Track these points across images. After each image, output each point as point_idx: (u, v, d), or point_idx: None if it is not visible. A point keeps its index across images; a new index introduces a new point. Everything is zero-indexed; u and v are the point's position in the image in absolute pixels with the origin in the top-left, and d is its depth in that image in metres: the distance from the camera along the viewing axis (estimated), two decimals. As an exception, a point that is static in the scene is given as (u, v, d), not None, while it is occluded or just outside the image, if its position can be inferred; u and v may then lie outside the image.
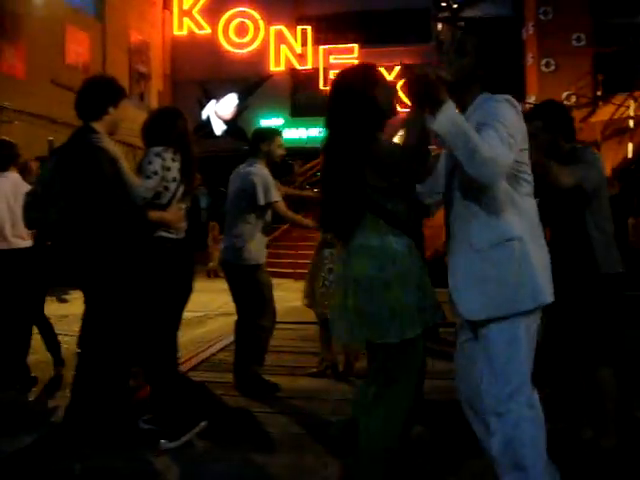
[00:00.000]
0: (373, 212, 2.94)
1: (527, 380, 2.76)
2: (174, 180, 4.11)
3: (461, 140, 2.55)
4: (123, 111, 4.26)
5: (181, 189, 4.17)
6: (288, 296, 11.62)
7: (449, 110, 2.58)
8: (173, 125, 4.19)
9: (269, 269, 5.59)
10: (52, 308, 6.24)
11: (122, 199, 3.93)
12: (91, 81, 4.18)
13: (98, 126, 4.01)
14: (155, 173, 4.00)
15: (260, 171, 5.18)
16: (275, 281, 5.88)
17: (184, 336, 7.78)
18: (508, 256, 2.71)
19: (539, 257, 2.78)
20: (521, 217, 2.76)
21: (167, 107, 4.76)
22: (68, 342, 6.33)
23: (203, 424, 4.13)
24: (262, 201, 5.11)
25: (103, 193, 3.88)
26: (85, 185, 3.87)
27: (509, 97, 2.76)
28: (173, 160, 4.11)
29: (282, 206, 5.23)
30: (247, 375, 5.23)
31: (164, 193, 4.09)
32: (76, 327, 4.15)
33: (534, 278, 2.73)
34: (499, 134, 2.59)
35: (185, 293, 4.18)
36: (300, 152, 20.63)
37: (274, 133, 5.50)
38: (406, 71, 4.48)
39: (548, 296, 2.78)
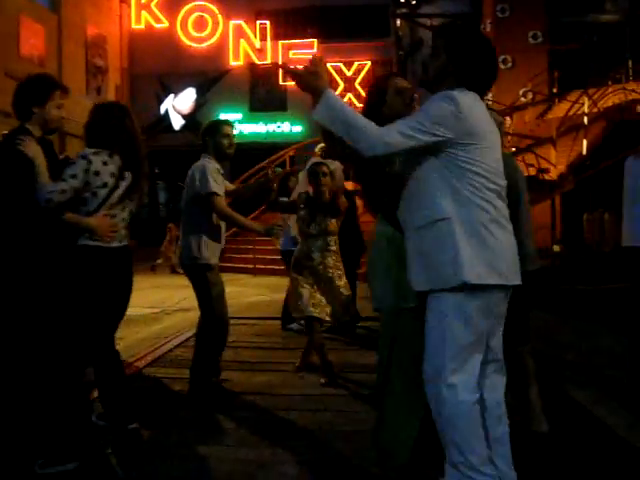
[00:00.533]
0: None
1: (449, 362, 2.86)
2: (104, 186, 3.82)
3: (340, 122, 2.84)
4: (73, 105, 4.14)
5: (116, 195, 3.89)
6: (247, 291, 11.62)
7: (325, 98, 2.86)
8: (118, 126, 3.94)
9: (228, 264, 5.56)
10: None
11: (33, 203, 3.70)
12: (20, 82, 4.01)
13: (30, 126, 3.89)
14: (73, 177, 3.72)
15: (201, 162, 5.02)
16: (234, 276, 5.90)
17: (140, 332, 7.76)
18: (436, 234, 2.88)
19: (481, 241, 2.86)
20: (458, 202, 2.87)
21: (111, 104, 4.23)
22: None
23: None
24: (199, 189, 4.89)
25: (9, 196, 3.74)
26: None
27: (451, 94, 2.87)
28: (105, 164, 3.82)
29: (219, 201, 4.91)
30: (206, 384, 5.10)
31: (91, 199, 3.82)
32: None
33: (458, 257, 2.82)
34: (405, 121, 2.87)
35: (114, 302, 3.92)
36: (259, 147, 20.59)
37: (217, 125, 5.23)
38: (285, 70, 4.66)
39: (472, 276, 2.82)
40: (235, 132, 5.35)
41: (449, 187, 2.89)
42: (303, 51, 23.65)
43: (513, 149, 16.21)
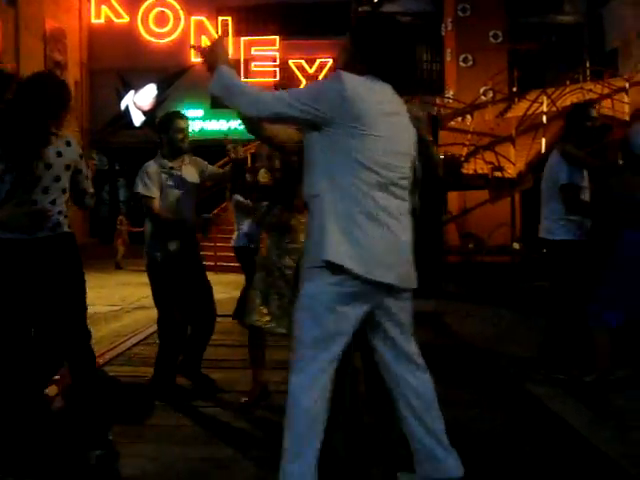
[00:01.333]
0: None
1: (303, 344, 2.83)
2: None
3: (227, 90, 3.00)
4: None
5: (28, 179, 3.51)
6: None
7: (218, 71, 3.02)
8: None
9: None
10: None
11: None
12: None
13: None
14: None
15: (147, 163, 4.94)
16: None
17: (100, 331, 7.67)
18: (311, 210, 2.91)
19: (348, 231, 2.78)
20: (333, 185, 2.81)
21: None
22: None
23: None
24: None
25: None
26: None
27: (340, 74, 2.82)
28: None
29: (146, 202, 4.79)
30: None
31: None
32: None
33: (323, 235, 2.78)
34: (290, 90, 2.94)
35: (49, 295, 3.62)
36: (220, 144, 20.43)
37: (169, 119, 4.99)
38: (196, 51, 4.67)
39: (332, 254, 2.76)
40: (196, 128, 5.20)
41: (328, 169, 2.82)
42: (265, 48, 23.59)
43: (472, 147, 16.37)
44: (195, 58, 23.15)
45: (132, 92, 23.79)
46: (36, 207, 3.53)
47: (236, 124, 23.71)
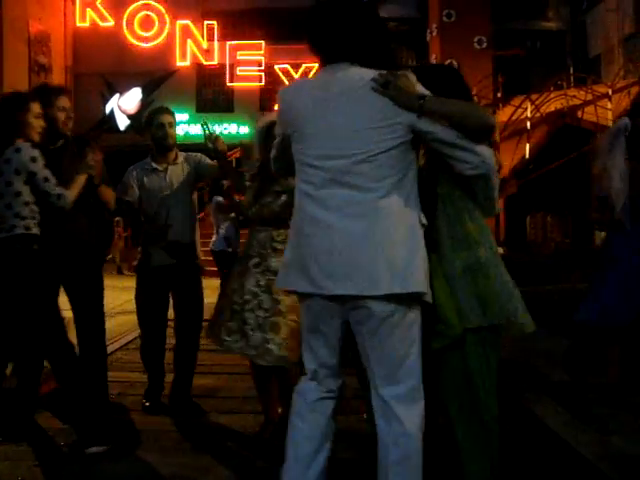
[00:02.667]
0: None
1: (304, 358, 2.79)
2: None
3: None
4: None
5: None
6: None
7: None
8: None
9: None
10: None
11: None
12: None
13: None
14: None
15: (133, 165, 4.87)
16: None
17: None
18: None
19: (296, 241, 2.69)
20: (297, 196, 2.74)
21: None
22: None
23: None
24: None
25: None
26: None
27: (279, 93, 2.81)
28: None
29: (125, 207, 4.70)
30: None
31: None
32: None
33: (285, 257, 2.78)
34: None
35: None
36: (205, 148, 20.34)
37: (151, 115, 4.81)
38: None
39: (280, 281, 2.80)
40: (181, 132, 5.05)
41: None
42: (251, 52, 23.56)
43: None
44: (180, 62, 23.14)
45: (117, 96, 23.70)
46: None
47: (220, 129, 23.70)
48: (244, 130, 23.63)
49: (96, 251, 4.67)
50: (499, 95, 19.94)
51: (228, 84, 23.90)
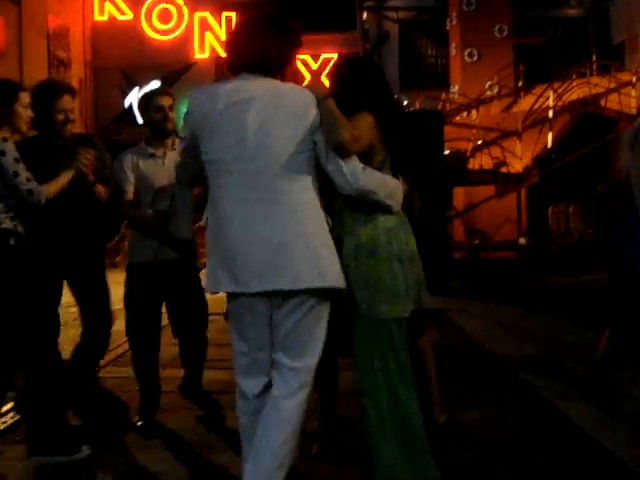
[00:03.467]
0: None
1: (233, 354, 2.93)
2: None
3: None
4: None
5: None
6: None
7: None
8: None
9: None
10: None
11: None
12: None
13: None
14: None
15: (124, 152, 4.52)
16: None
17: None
18: None
19: (217, 241, 2.78)
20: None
21: None
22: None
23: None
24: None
25: None
26: None
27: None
28: None
29: (119, 196, 4.32)
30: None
31: None
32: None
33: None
34: None
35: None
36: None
37: (148, 98, 4.45)
38: None
39: (209, 284, 2.83)
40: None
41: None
42: (269, 44, 23.45)
43: (479, 142, 16.27)
44: (199, 55, 23.17)
45: (136, 89, 23.71)
46: None
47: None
48: (263, 122, 23.60)
49: (96, 246, 4.53)
50: (520, 84, 19.73)
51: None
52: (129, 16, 23.70)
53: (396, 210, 3.02)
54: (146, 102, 4.42)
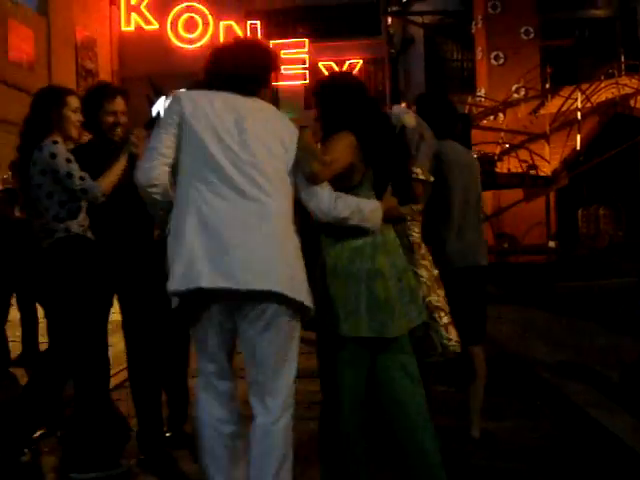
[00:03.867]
0: None
1: (199, 363, 2.85)
2: None
3: None
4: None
5: None
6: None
7: None
8: None
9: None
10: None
11: None
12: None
13: None
14: None
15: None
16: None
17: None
18: None
19: (177, 240, 2.72)
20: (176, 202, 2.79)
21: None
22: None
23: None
24: None
25: None
26: None
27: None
28: None
29: None
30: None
31: None
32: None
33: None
34: None
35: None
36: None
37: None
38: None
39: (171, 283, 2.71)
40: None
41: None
42: (294, 50, 23.53)
43: (507, 145, 16.16)
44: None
45: (163, 98, 23.84)
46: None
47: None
48: (289, 129, 23.68)
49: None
50: (547, 86, 19.56)
51: (273, 83, 23.92)
52: (155, 26, 23.90)
53: (373, 230, 3.01)
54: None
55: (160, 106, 20.52)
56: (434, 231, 3.79)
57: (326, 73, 22.97)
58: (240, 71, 2.96)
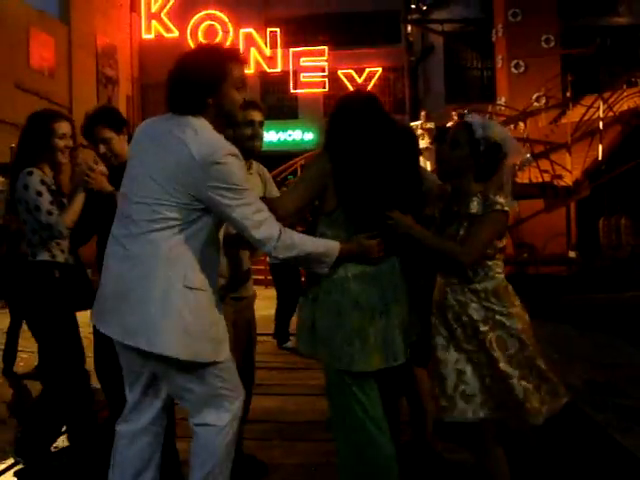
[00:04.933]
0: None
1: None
2: None
3: None
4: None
5: None
6: (259, 304, 11.41)
7: None
8: None
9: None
10: None
11: None
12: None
13: None
14: None
15: None
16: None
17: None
18: None
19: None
20: None
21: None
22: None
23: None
24: None
25: None
26: None
27: None
28: None
29: None
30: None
31: None
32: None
33: None
34: None
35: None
36: (270, 155, 20.36)
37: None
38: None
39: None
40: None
41: None
42: (314, 59, 23.53)
43: (528, 155, 16.02)
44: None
45: (182, 106, 23.96)
46: None
47: (285, 135, 23.75)
48: (309, 137, 23.62)
49: None
50: (568, 95, 19.39)
51: (292, 91, 23.94)
52: (175, 34, 23.99)
53: (323, 272, 2.82)
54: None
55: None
56: None
57: (345, 81, 23.00)
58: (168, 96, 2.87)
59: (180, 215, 2.56)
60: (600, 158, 15.34)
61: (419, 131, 13.92)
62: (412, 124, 20.23)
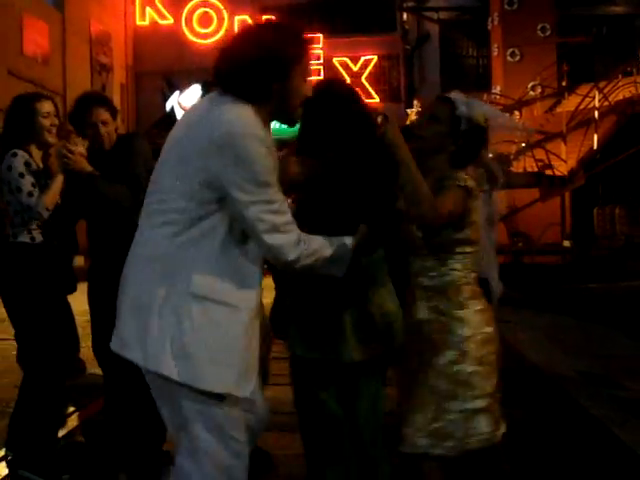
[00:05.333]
0: None
1: None
2: None
3: None
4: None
5: None
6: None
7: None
8: None
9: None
10: None
11: None
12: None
13: None
14: None
15: None
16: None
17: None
18: None
19: None
20: None
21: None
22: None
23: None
24: None
25: None
26: None
27: None
28: None
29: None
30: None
31: None
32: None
33: None
34: None
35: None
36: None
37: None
38: None
39: None
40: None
41: None
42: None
43: (522, 144, 16.03)
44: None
45: (177, 93, 23.84)
46: None
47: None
48: (303, 124, 23.61)
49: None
50: (564, 84, 19.39)
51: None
52: (170, 21, 23.87)
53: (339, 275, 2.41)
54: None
55: (174, 101, 20.73)
56: None
57: (340, 69, 22.93)
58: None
59: (190, 206, 2.13)
60: (595, 147, 15.37)
61: (413, 117, 13.92)
62: (407, 111, 20.27)
